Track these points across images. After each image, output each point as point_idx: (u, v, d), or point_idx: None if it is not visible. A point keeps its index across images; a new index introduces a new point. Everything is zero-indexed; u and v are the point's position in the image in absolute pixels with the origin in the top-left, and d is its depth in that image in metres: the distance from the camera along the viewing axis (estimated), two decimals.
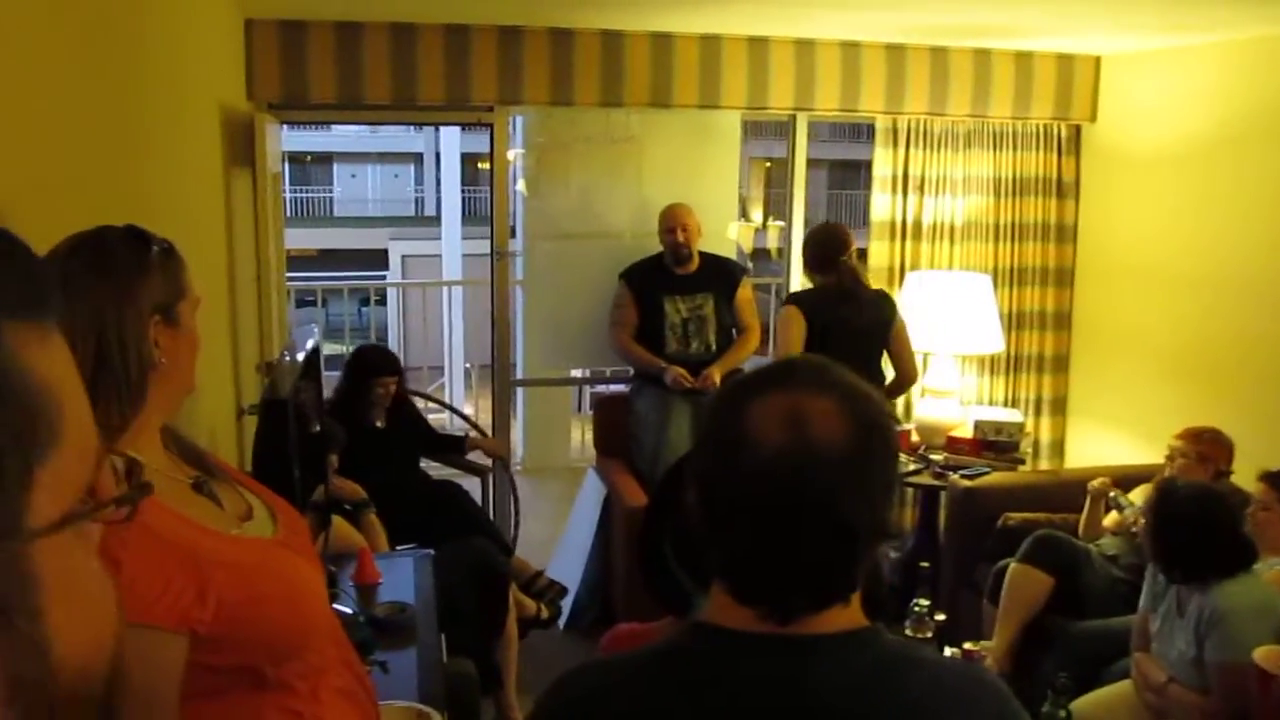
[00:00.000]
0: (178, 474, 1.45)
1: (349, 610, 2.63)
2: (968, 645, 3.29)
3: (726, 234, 5.01)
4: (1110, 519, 3.85)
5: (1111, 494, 3.84)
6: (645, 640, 1.93)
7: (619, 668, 1.13)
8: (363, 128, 22.12)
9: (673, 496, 1.94)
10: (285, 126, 4.67)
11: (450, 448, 4.65)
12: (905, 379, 4.35)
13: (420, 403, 4.75)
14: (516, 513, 4.81)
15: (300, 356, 2.48)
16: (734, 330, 4.64)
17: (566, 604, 4.39)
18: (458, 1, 4.06)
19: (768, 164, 16.12)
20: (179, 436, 1.53)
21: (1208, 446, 3.59)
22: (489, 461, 4.73)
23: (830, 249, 4.26)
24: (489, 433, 4.95)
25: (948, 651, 3.16)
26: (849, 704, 1.01)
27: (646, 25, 4.50)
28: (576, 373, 5.86)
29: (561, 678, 1.12)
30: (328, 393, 3.83)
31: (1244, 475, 3.46)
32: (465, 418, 5.78)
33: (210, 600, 1.28)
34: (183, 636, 1.27)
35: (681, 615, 1.83)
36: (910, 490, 4.93)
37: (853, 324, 4.11)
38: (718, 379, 4.42)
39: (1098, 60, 5.01)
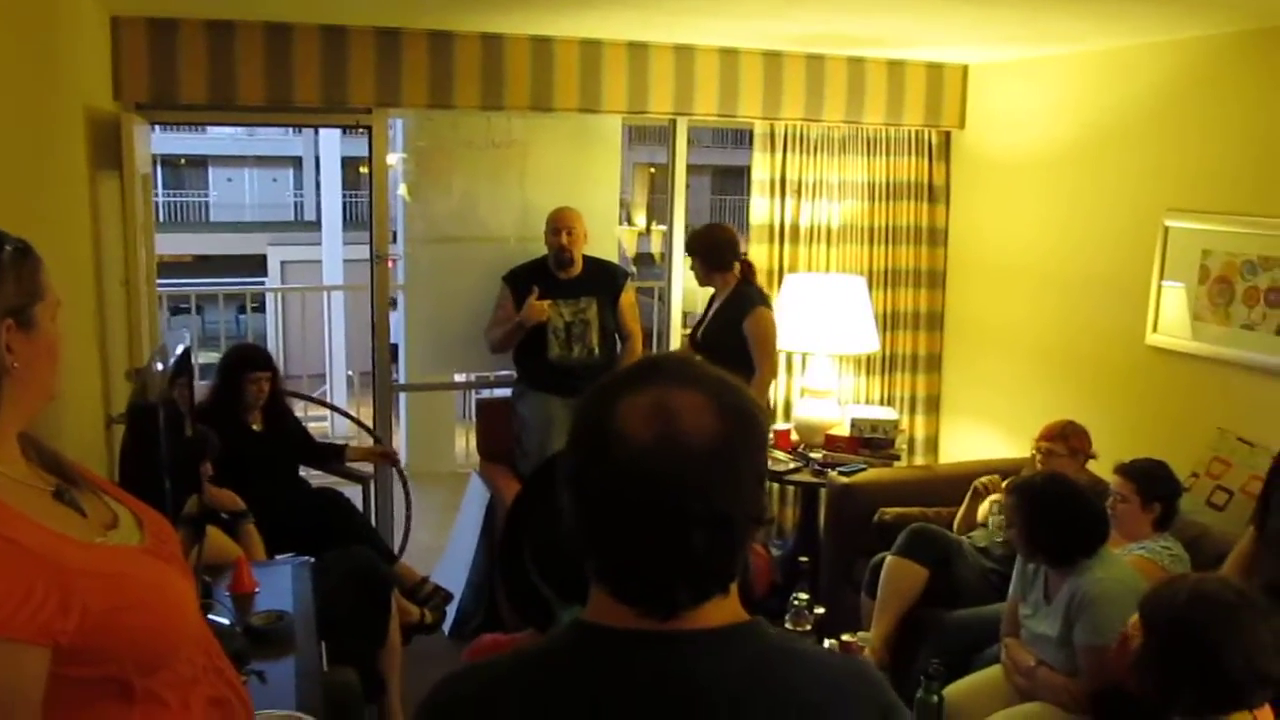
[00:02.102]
0: (37, 482, 1.41)
1: (225, 620, 2.58)
2: (846, 637, 3.38)
3: (612, 237, 5.04)
4: (983, 509, 3.99)
5: (998, 486, 3.97)
6: (507, 650, 1.94)
7: (499, 670, 1.12)
8: (239, 131, 21.60)
9: (531, 507, 1.95)
10: (157, 128, 4.54)
11: (331, 456, 4.58)
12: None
13: (301, 409, 4.67)
14: (408, 518, 4.75)
15: (171, 362, 2.42)
16: (616, 335, 4.67)
17: (451, 610, 4.37)
18: (334, 2, 4.00)
19: (651, 170, 16.24)
20: (39, 444, 1.48)
21: (1075, 440, 3.76)
22: (370, 468, 4.67)
23: (733, 249, 4.48)
24: (375, 429, 4.88)
25: (826, 643, 3.24)
26: (733, 698, 1.02)
27: (527, 29, 4.50)
28: (460, 377, 5.82)
29: (438, 684, 1.12)
30: (200, 398, 3.75)
31: (1101, 467, 3.63)
32: (351, 417, 5.68)
33: (74, 610, 1.25)
34: (44, 649, 1.23)
35: (541, 627, 1.83)
36: (790, 488, 5.04)
37: None
38: None
39: (965, 69, 5.19)
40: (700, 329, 4.62)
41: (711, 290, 4.61)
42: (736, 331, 4.37)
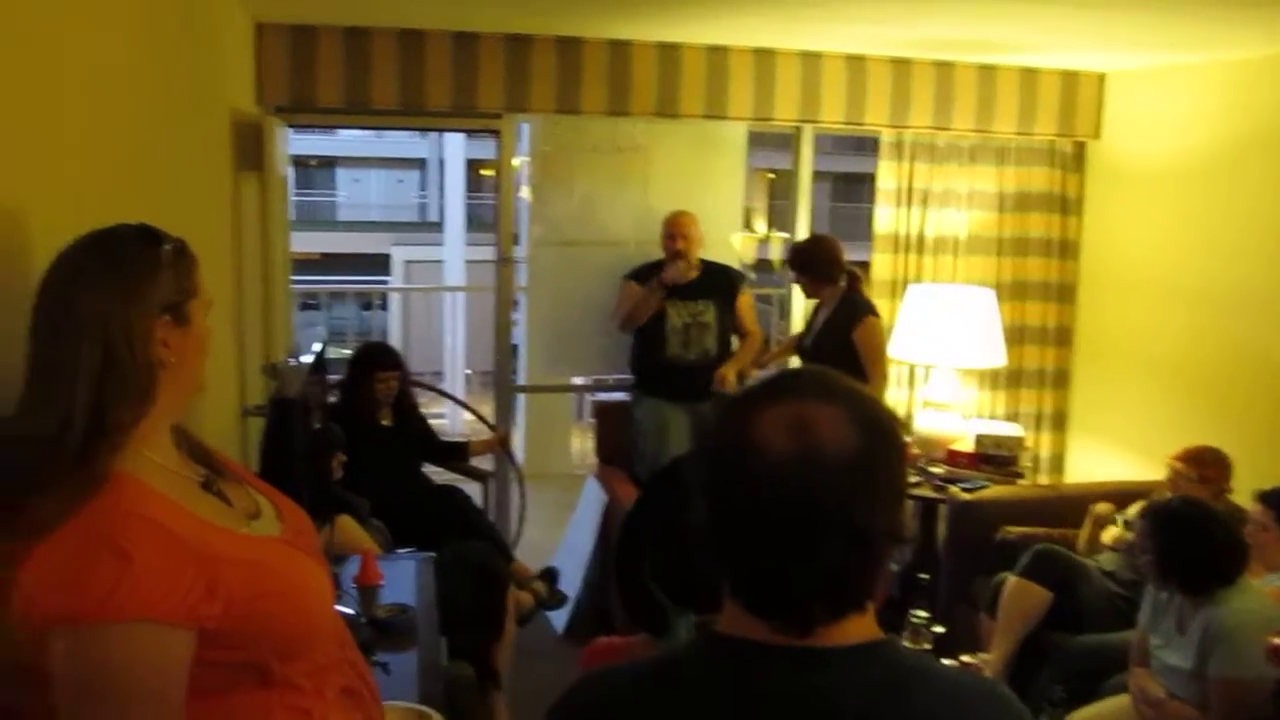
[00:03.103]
0: (187, 472, 1.46)
1: (351, 611, 2.64)
2: (965, 658, 3.30)
3: (730, 244, 5.03)
4: (1109, 534, 3.86)
5: (1117, 517, 3.85)
6: (624, 654, 1.94)
7: (630, 677, 1.12)
8: (367, 132, 22.17)
9: (649, 511, 1.95)
10: (291, 130, 4.70)
11: (454, 453, 4.67)
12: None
13: (423, 406, 4.76)
14: (523, 511, 4.81)
15: (310, 359, 2.50)
16: (733, 337, 4.67)
17: (565, 610, 4.41)
18: (466, 9, 4.08)
19: (771, 175, 16.13)
20: (189, 435, 1.54)
21: (1209, 469, 3.60)
22: (490, 466, 4.74)
23: (838, 262, 4.46)
24: (492, 428, 4.94)
25: (944, 663, 3.17)
26: (865, 716, 1.01)
27: (654, 35, 4.53)
28: (578, 380, 5.87)
29: (570, 689, 1.13)
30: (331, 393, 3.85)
31: (1241, 493, 3.47)
32: (471, 409, 5.76)
33: (220, 596, 1.29)
34: (191, 632, 1.28)
35: (655, 632, 1.83)
36: (910, 503, 4.95)
37: None
38: (732, 379, 4.48)
39: (1102, 77, 5.04)
40: (808, 339, 4.60)
41: (816, 301, 4.60)
42: (845, 341, 4.34)
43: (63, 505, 1.25)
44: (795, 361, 4.75)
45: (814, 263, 4.48)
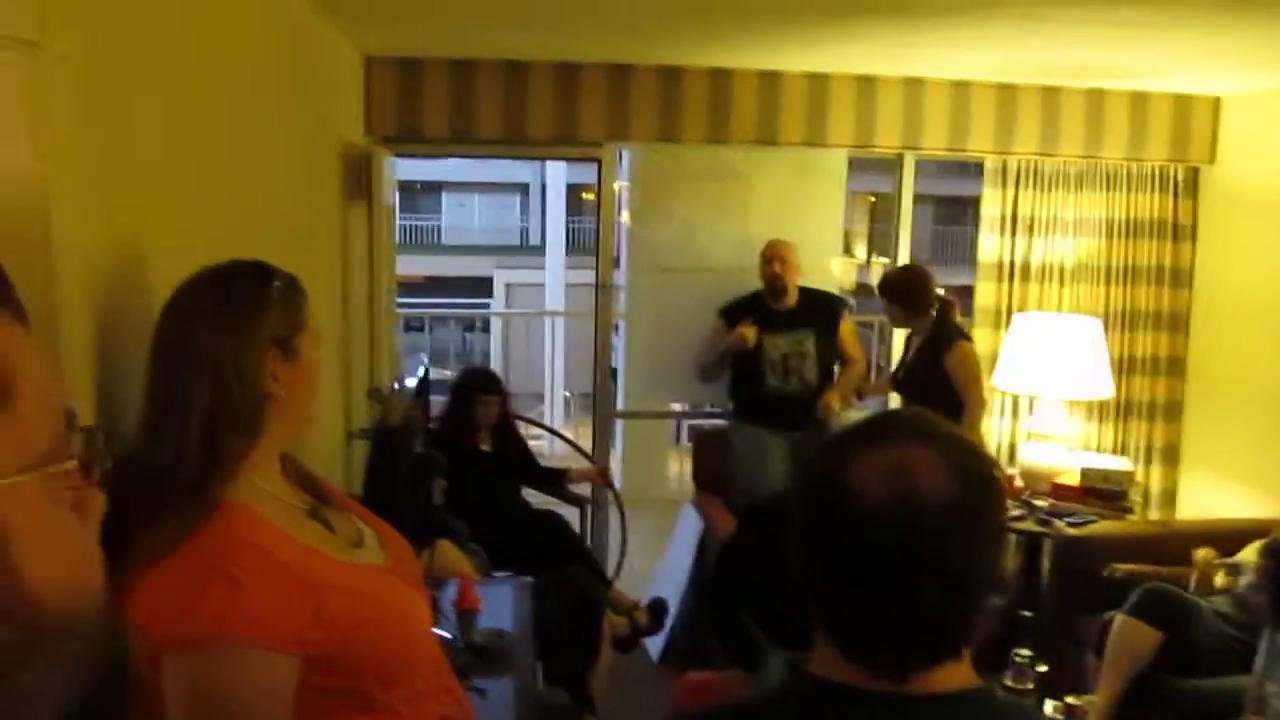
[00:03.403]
0: (294, 500, 1.51)
1: (449, 635, 2.68)
2: (1070, 699, 3.20)
3: (830, 269, 5.00)
4: (1220, 578, 3.72)
5: (1216, 562, 3.72)
6: (717, 691, 1.93)
7: (730, 716, 1.13)
8: (471, 158, 22.55)
9: (746, 546, 1.94)
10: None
11: (554, 479, 4.71)
12: None
13: (522, 430, 4.83)
14: (624, 540, 4.83)
15: (410, 382, 2.55)
16: (836, 366, 4.63)
17: (661, 637, 4.40)
18: (568, 40, 4.15)
19: (872, 199, 15.97)
20: (297, 463, 1.59)
21: None
22: (588, 491, 4.77)
23: (929, 290, 4.44)
24: (590, 453, 4.99)
25: (1049, 704, 3.09)
26: None
27: (754, 64, 4.53)
28: (676, 406, 5.88)
29: None
30: (433, 416, 3.92)
31: None
32: (569, 440, 5.83)
33: (324, 623, 1.33)
34: (296, 658, 1.31)
35: (748, 667, 1.82)
36: (1013, 537, 4.83)
37: None
38: (837, 406, 4.45)
39: (1217, 101, 4.89)
40: (901, 370, 4.55)
41: (908, 330, 4.57)
42: (938, 369, 4.29)
43: (176, 532, 1.30)
44: (894, 396, 4.69)
45: (905, 293, 4.45)
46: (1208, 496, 4.94)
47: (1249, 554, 3.68)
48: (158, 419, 1.37)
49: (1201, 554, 3.80)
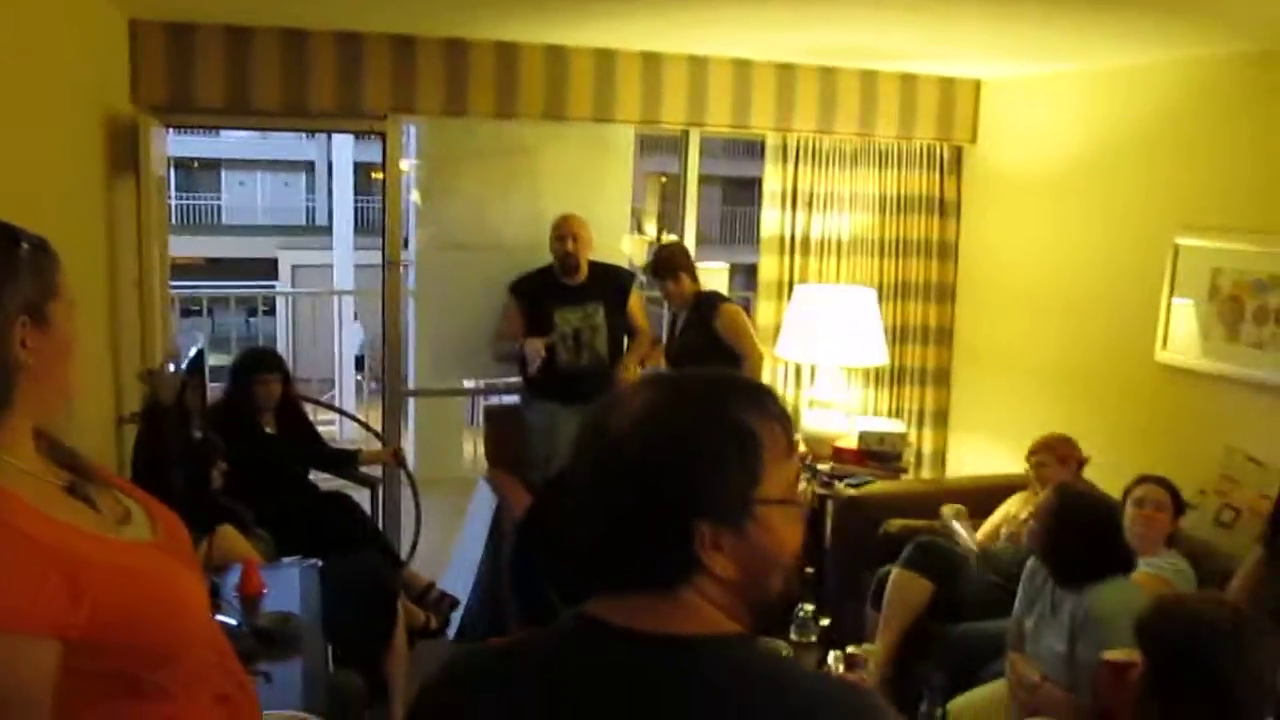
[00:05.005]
0: (51, 477, 1.42)
1: (232, 621, 2.59)
2: (851, 649, 3.37)
3: (620, 247, 5.06)
4: (997, 517, 4.01)
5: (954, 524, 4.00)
6: None
7: (494, 650, 1.15)
8: (252, 135, 21.66)
9: (543, 516, 1.97)
10: (172, 132, 4.57)
11: (343, 461, 4.59)
12: None
13: (310, 413, 4.69)
14: (418, 523, 4.75)
15: (185, 363, 2.44)
16: (625, 337, 4.70)
17: (457, 615, 4.37)
18: (351, 8, 4.03)
19: (662, 179, 16.25)
20: (53, 440, 1.49)
21: (1062, 448, 3.79)
22: (379, 473, 4.68)
23: (687, 261, 4.73)
24: (384, 434, 4.89)
25: (831, 655, 3.23)
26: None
27: (541, 38, 4.52)
28: (469, 384, 5.83)
29: (441, 664, 1.16)
30: (213, 400, 3.77)
31: (1106, 481, 3.62)
32: (359, 420, 5.71)
33: (84, 603, 1.25)
34: (55, 641, 1.24)
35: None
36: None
37: None
38: (628, 378, 4.51)
39: (978, 84, 5.20)
40: (673, 345, 4.71)
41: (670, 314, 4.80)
42: (710, 333, 4.50)
43: None
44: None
45: (665, 264, 4.64)
46: (974, 456, 5.28)
47: (1014, 504, 3.98)
48: None
49: (947, 509, 4.07)
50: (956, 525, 4.01)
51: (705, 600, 1.04)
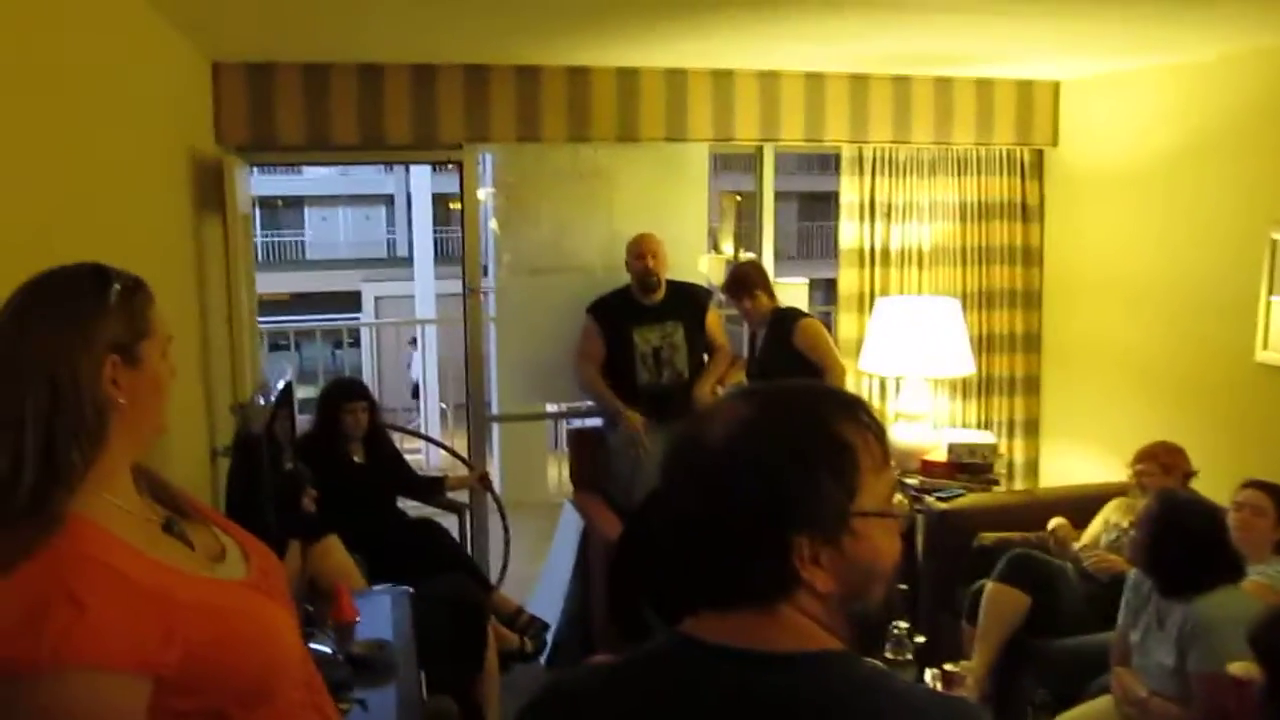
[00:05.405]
0: (148, 514, 1.44)
1: (327, 649, 2.61)
2: (948, 666, 3.29)
3: (697, 267, 5.05)
4: (1089, 534, 3.89)
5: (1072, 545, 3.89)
6: None
7: (594, 670, 1.14)
8: (333, 171, 22.14)
9: (641, 536, 1.95)
10: (255, 170, 4.68)
11: (430, 488, 4.64)
12: None
13: (397, 440, 4.75)
14: (507, 547, 4.78)
15: (274, 395, 2.48)
16: (705, 355, 4.68)
17: (548, 638, 4.38)
18: (424, 41, 4.09)
19: (738, 197, 16.23)
20: (152, 477, 1.51)
21: (1167, 457, 3.66)
22: (467, 498, 4.71)
23: (763, 278, 4.68)
24: (468, 459, 4.93)
25: (928, 672, 3.17)
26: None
27: (611, 61, 4.55)
28: (552, 408, 5.86)
29: (543, 685, 1.15)
30: (301, 431, 3.83)
31: (1209, 487, 3.50)
32: (445, 446, 5.76)
33: (176, 642, 1.26)
34: (146, 680, 1.25)
35: None
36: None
37: None
38: (709, 396, 4.49)
39: (1057, 85, 5.10)
40: (754, 364, 4.68)
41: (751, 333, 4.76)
42: (790, 350, 4.45)
43: (17, 549, 1.22)
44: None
45: (740, 283, 4.60)
46: (1068, 465, 5.15)
47: (1112, 511, 3.86)
48: None
49: (1054, 523, 3.96)
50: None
51: (805, 616, 1.02)
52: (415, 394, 9.83)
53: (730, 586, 1.03)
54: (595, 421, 4.98)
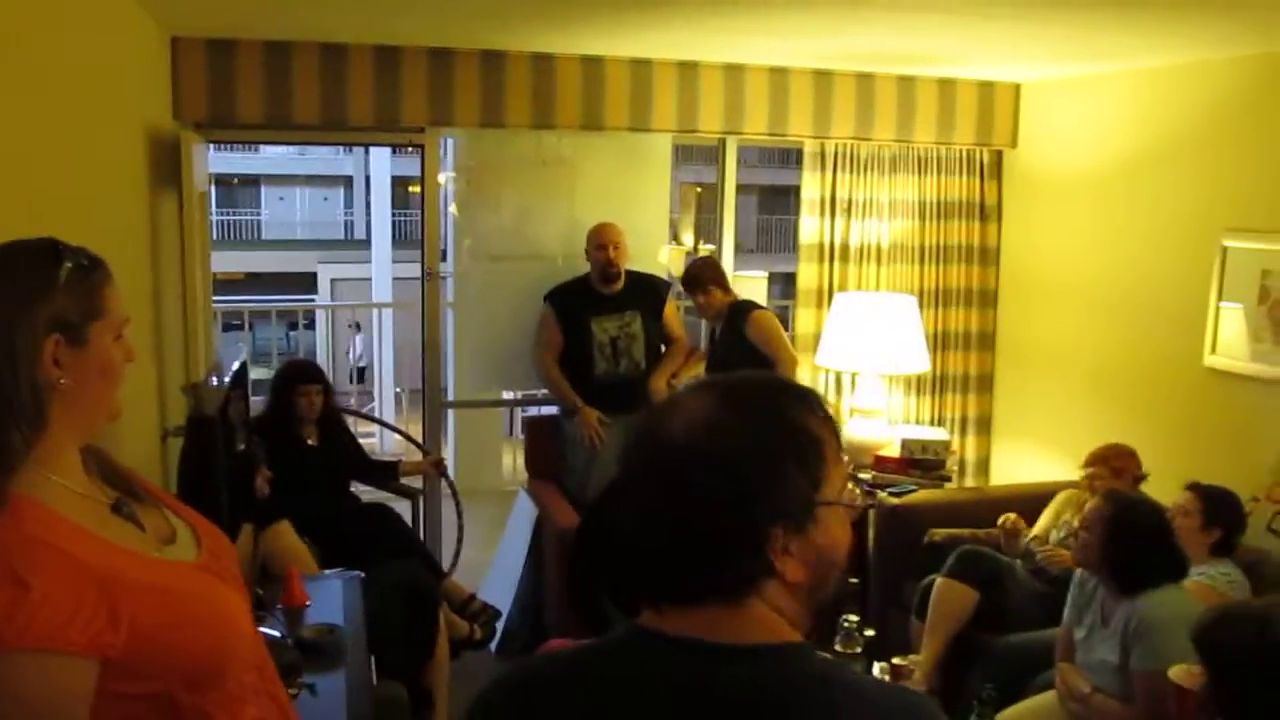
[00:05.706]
0: (97, 495, 1.41)
1: (276, 633, 2.60)
2: (896, 660, 3.33)
3: (657, 257, 5.05)
4: (1044, 522, 3.95)
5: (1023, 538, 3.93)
6: None
7: (551, 658, 1.17)
8: (291, 150, 21.91)
9: (600, 526, 1.95)
10: (212, 148, 4.61)
11: (384, 473, 4.61)
12: None
13: (350, 424, 4.71)
14: (460, 534, 4.76)
15: (228, 376, 2.45)
16: (662, 346, 4.69)
17: (499, 626, 4.37)
18: (388, 22, 4.05)
19: (699, 189, 16.24)
20: (103, 458, 1.48)
21: (1117, 461, 3.72)
22: (420, 484, 4.69)
23: (718, 273, 4.72)
24: (425, 445, 4.91)
25: (876, 666, 3.20)
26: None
27: (577, 49, 4.53)
28: (508, 395, 5.84)
29: (500, 673, 1.15)
30: (255, 413, 3.79)
31: (1157, 489, 3.56)
32: (400, 431, 5.74)
33: (123, 623, 1.24)
34: (93, 661, 1.23)
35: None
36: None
37: None
38: (664, 389, 4.50)
39: (1018, 88, 5.15)
40: (710, 358, 4.70)
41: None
42: (743, 342, 4.47)
43: None
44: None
45: (695, 279, 4.63)
46: (1019, 463, 5.22)
47: (1060, 503, 3.92)
48: None
49: (1006, 516, 4.00)
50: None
51: (770, 608, 1.03)
52: (357, 378, 9.77)
53: (699, 582, 1.03)
54: (552, 409, 4.97)
